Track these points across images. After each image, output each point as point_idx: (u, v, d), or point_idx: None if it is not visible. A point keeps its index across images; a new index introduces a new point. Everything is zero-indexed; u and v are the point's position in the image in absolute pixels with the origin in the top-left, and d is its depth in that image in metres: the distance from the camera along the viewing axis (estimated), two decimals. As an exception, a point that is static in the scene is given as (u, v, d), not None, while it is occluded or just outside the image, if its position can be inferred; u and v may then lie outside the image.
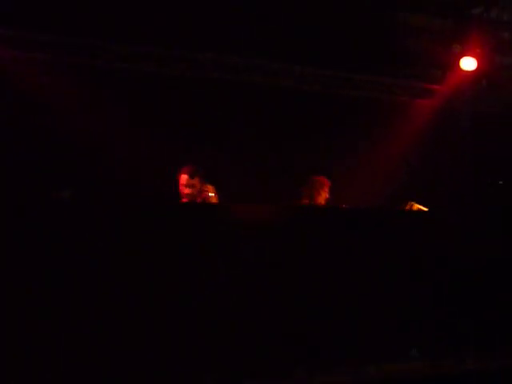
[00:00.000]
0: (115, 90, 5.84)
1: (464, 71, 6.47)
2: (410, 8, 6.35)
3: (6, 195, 3.47)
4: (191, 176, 4.53)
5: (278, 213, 3.92)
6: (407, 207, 4.96)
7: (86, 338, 3.04)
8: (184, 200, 4.55)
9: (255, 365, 3.36)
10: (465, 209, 4.78)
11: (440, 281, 4.15)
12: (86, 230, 3.25)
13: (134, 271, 3.20)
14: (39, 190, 4.67)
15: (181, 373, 3.20)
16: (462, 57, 6.44)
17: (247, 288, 3.44)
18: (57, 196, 4.01)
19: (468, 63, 6.40)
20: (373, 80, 6.78)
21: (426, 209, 4.86)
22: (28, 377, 2.90)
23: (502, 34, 6.55)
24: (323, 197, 5.07)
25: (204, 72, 6.24)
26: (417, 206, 4.92)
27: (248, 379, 3.30)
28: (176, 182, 4.59)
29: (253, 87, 6.38)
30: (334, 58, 6.37)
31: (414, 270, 4.12)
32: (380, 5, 6.21)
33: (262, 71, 6.47)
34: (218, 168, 5.41)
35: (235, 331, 3.36)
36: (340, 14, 6.11)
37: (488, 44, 6.39)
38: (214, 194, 4.46)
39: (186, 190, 4.51)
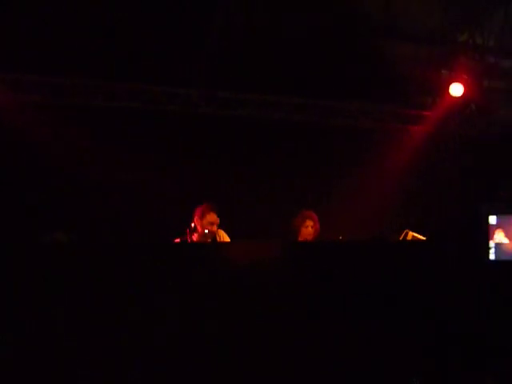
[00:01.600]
0: (110, 129, 5.89)
1: (453, 97, 6.54)
2: (398, 36, 6.45)
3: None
4: (217, 215, 4.57)
5: (275, 249, 3.91)
6: (402, 235, 4.95)
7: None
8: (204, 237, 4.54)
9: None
10: (460, 234, 4.78)
11: (440, 310, 4.12)
12: (85, 273, 3.23)
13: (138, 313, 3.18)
14: (32, 232, 4.66)
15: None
16: (450, 82, 6.52)
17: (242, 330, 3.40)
18: (52, 238, 4.01)
19: (456, 89, 6.48)
20: (362, 108, 6.84)
21: (421, 237, 4.85)
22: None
23: (488, 58, 6.65)
24: (311, 230, 5.06)
25: (196, 108, 6.31)
26: (411, 234, 4.90)
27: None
28: (194, 217, 4.56)
29: (244, 121, 6.44)
30: (323, 87, 6.44)
31: (411, 301, 4.09)
32: (368, 33, 6.30)
33: (253, 105, 6.53)
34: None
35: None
36: (328, 43, 6.19)
37: (475, 69, 6.48)
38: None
39: (213, 228, 4.51)
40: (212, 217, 4.52)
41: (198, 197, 5.53)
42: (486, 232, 5.62)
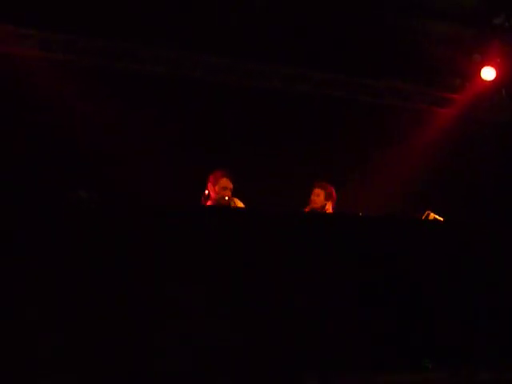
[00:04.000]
0: (128, 92, 5.86)
1: (484, 81, 6.42)
2: (431, 16, 6.31)
3: (21, 196, 3.49)
4: (232, 181, 4.55)
5: (295, 219, 3.90)
6: (424, 216, 4.92)
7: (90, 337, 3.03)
8: (219, 201, 4.52)
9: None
10: (484, 219, 4.73)
11: (455, 291, 4.11)
12: (106, 231, 3.25)
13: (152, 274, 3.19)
14: (54, 190, 4.70)
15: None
16: (482, 66, 6.39)
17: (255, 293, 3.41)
18: (74, 196, 4.03)
19: (488, 73, 6.35)
20: (392, 87, 6.76)
21: (442, 218, 4.82)
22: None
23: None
24: (321, 198, 5.02)
25: (220, 76, 6.26)
26: (433, 216, 4.87)
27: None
28: (207, 184, 4.57)
29: (270, 92, 6.38)
30: (354, 64, 6.35)
31: (428, 280, 4.08)
32: (401, 12, 6.17)
33: (279, 77, 6.47)
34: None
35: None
36: (361, 20, 6.09)
37: (508, 54, 6.34)
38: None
39: (227, 193, 4.49)
40: (225, 182, 4.51)
41: (217, 166, 5.56)
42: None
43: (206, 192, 4.52)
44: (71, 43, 5.87)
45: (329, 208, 5.02)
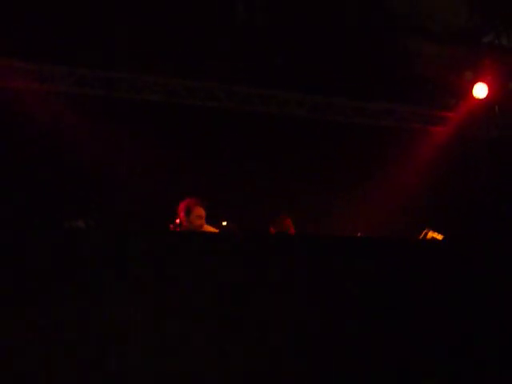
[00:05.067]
0: (127, 121, 5.92)
1: (476, 98, 6.48)
2: (423, 36, 6.40)
3: (19, 225, 3.50)
4: (204, 208, 4.47)
5: (290, 242, 3.90)
6: (422, 235, 4.92)
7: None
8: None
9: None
10: (480, 236, 4.73)
11: (455, 310, 4.09)
12: (108, 260, 3.25)
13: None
14: (54, 220, 4.72)
15: None
16: (474, 84, 6.46)
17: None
18: (72, 226, 4.05)
19: (480, 90, 6.42)
20: (385, 108, 6.82)
21: (440, 237, 4.82)
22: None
23: (513, 60, 6.57)
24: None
25: (218, 102, 6.33)
26: (431, 234, 4.87)
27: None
28: (179, 213, 4.45)
29: (266, 117, 6.44)
30: (347, 86, 6.42)
31: (429, 299, 4.06)
32: (393, 33, 6.27)
33: (275, 101, 6.54)
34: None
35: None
36: (351, 42, 6.18)
37: (499, 71, 6.41)
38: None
39: (199, 222, 4.43)
40: (199, 210, 4.38)
41: (213, 191, 5.59)
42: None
43: (178, 221, 4.40)
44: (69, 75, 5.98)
45: None
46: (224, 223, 4.50)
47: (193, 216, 4.37)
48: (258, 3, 5.92)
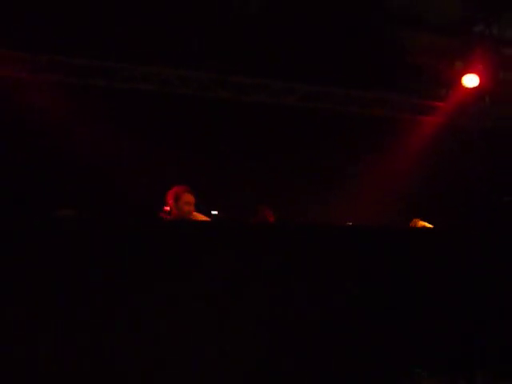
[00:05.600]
0: (118, 109, 5.89)
1: (467, 88, 6.49)
2: (413, 26, 6.39)
3: (10, 214, 3.47)
4: (193, 195, 4.46)
5: (282, 231, 3.89)
6: (412, 224, 4.93)
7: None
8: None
9: None
10: (471, 226, 4.74)
11: (448, 300, 4.10)
12: (90, 249, 3.23)
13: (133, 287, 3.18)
14: (43, 209, 4.69)
15: None
16: (464, 74, 6.46)
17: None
18: (61, 215, 4.02)
19: (470, 80, 6.43)
20: (376, 97, 6.81)
21: (430, 225, 4.83)
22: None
23: (504, 50, 6.57)
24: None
25: (210, 91, 6.30)
26: (421, 223, 4.89)
27: None
28: (168, 201, 4.42)
29: (257, 106, 6.42)
30: (338, 75, 6.41)
31: (420, 288, 4.07)
32: (383, 22, 6.25)
33: (266, 90, 6.52)
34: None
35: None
36: (343, 31, 6.16)
37: (490, 60, 6.41)
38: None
39: (187, 208, 4.42)
40: (188, 197, 4.36)
41: (205, 181, 5.57)
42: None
43: (168, 208, 4.38)
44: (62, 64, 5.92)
45: None
46: (214, 212, 4.48)
47: (181, 202, 4.35)
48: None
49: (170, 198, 4.38)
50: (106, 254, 3.16)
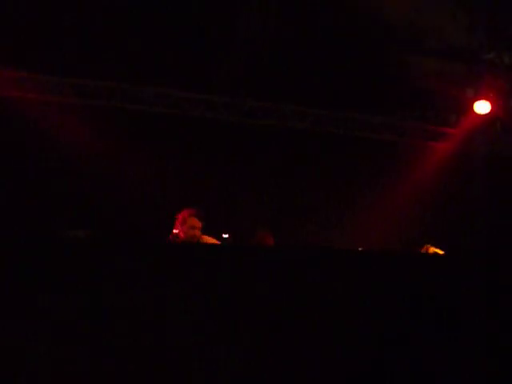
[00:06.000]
0: (132, 132, 5.94)
1: (478, 115, 6.50)
2: (425, 52, 6.44)
3: (19, 234, 3.49)
4: (201, 219, 4.46)
5: (292, 254, 3.88)
6: (423, 250, 4.90)
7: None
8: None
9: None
10: (480, 252, 4.71)
11: (455, 322, 4.06)
12: (101, 269, 3.24)
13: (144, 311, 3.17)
14: (54, 229, 4.70)
15: None
16: (475, 100, 6.48)
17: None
18: (72, 235, 4.03)
19: (482, 106, 6.44)
20: (387, 122, 6.84)
21: (441, 252, 4.80)
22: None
23: (515, 78, 6.60)
24: None
25: (219, 114, 6.35)
26: (433, 249, 4.86)
27: None
28: (176, 221, 4.48)
29: (267, 130, 6.46)
30: (349, 100, 6.45)
31: (429, 314, 4.03)
32: (396, 48, 6.30)
33: (276, 114, 6.56)
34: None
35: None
36: (357, 58, 6.21)
37: (501, 88, 6.44)
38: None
39: (192, 233, 4.41)
40: (193, 221, 4.39)
41: (218, 203, 5.58)
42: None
43: (175, 231, 4.42)
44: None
45: None
46: (225, 235, 4.48)
47: (186, 226, 4.38)
48: (258, 17, 5.94)
49: (177, 222, 4.42)
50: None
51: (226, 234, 4.47)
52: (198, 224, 4.38)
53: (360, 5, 5.76)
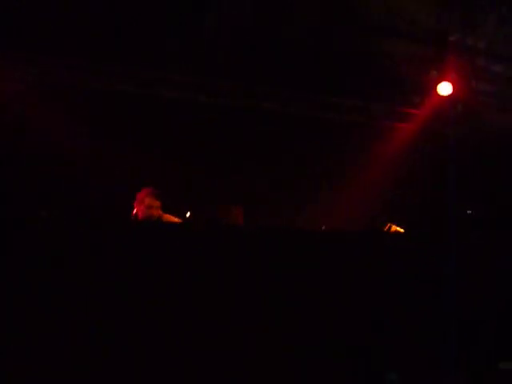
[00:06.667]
0: (101, 112, 5.88)
1: (441, 96, 6.61)
2: (390, 34, 6.51)
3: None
4: (158, 198, 4.45)
5: (257, 234, 3.94)
6: (386, 228, 5.02)
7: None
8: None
9: None
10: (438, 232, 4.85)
11: (418, 300, 4.19)
12: (62, 248, 3.27)
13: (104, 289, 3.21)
14: (18, 209, 4.67)
15: None
16: (439, 82, 6.59)
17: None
18: (35, 215, 4.02)
19: (445, 88, 6.55)
20: (352, 104, 6.91)
21: (402, 230, 4.92)
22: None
23: (478, 61, 6.72)
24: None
25: (191, 96, 6.33)
26: (395, 228, 4.98)
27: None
28: (135, 201, 4.49)
29: (241, 111, 6.48)
30: (314, 81, 6.49)
31: (391, 291, 4.15)
32: (360, 30, 6.36)
33: (247, 94, 6.56)
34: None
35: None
36: (324, 41, 6.25)
37: (464, 70, 6.55)
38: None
39: (150, 212, 4.38)
40: (149, 200, 4.37)
41: (184, 181, 5.59)
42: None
43: (135, 211, 4.41)
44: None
45: None
46: (187, 214, 4.52)
47: (144, 206, 4.37)
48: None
49: (136, 202, 4.41)
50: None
51: (188, 212, 4.51)
52: (156, 203, 4.37)
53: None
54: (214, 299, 3.42)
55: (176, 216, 4.42)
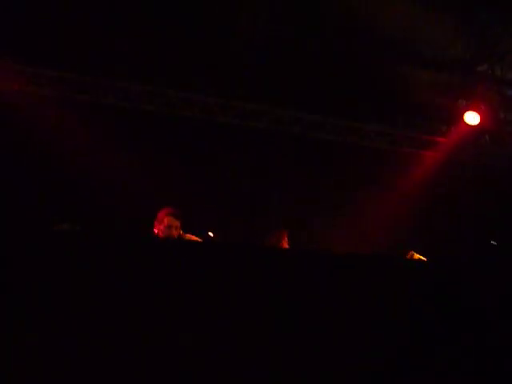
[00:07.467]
0: (122, 129, 5.95)
1: (468, 125, 6.56)
2: (419, 62, 6.50)
3: (8, 227, 3.48)
4: (177, 218, 4.44)
5: (279, 256, 3.89)
6: (408, 256, 4.94)
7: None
8: None
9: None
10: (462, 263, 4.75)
11: (438, 332, 4.08)
12: (85, 263, 3.25)
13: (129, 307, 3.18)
14: (39, 223, 4.70)
15: None
16: (466, 111, 6.54)
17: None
18: (57, 228, 4.04)
19: (472, 117, 6.50)
20: (378, 130, 6.89)
21: (425, 259, 4.84)
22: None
23: (506, 91, 6.67)
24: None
25: (211, 115, 6.37)
26: (417, 256, 4.90)
27: None
28: (155, 220, 4.46)
29: (259, 133, 6.48)
30: (341, 107, 6.49)
31: (412, 321, 4.06)
32: (391, 59, 6.36)
33: (269, 118, 6.58)
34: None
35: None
36: (351, 65, 6.26)
37: (492, 100, 6.50)
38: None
39: (168, 232, 4.35)
40: (169, 220, 4.35)
41: (206, 203, 5.59)
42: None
43: (156, 231, 4.42)
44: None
45: None
46: (210, 234, 4.50)
47: (163, 226, 4.37)
48: (258, 20, 5.99)
49: (156, 221, 4.42)
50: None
51: (211, 232, 4.48)
52: (175, 223, 4.37)
53: (360, 14, 5.83)
54: (247, 324, 3.36)
55: (197, 236, 4.41)
